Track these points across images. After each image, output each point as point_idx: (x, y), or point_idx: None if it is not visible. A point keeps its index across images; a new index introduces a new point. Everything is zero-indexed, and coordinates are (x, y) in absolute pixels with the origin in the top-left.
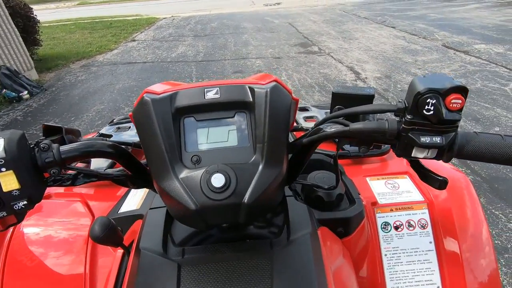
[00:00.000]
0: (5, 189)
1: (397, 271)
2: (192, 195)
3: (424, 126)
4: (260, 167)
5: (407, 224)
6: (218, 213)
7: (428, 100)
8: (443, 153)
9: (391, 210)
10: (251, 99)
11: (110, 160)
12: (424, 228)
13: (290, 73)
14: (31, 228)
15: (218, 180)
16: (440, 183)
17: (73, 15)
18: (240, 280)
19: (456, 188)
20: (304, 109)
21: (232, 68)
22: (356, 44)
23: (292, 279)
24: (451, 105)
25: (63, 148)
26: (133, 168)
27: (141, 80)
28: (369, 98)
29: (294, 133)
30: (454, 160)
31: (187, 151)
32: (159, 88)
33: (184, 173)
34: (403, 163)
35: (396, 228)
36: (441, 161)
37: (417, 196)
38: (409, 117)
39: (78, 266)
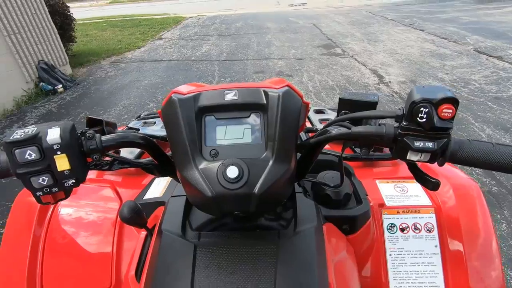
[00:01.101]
0: (59, 169)
1: (400, 271)
2: (209, 184)
3: (418, 132)
4: (270, 162)
5: (413, 226)
6: (231, 201)
7: (422, 108)
8: (436, 157)
9: (398, 212)
10: (265, 102)
11: (138, 151)
12: (430, 232)
13: (312, 75)
14: (67, 209)
15: (232, 171)
16: (433, 184)
17: (105, 13)
18: (247, 264)
19: (466, 196)
20: (320, 112)
21: (254, 68)
22: (381, 47)
23: (295, 267)
24: (442, 114)
25: (104, 138)
26: (160, 158)
27: (166, 78)
28: (372, 105)
29: (309, 134)
30: (473, 170)
31: (206, 145)
32: (185, 89)
33: (203, 165)
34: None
35: (402, 230)
36: (455, 169)
37: (425, 200)
38: (405, 123)
39: (106, 246)
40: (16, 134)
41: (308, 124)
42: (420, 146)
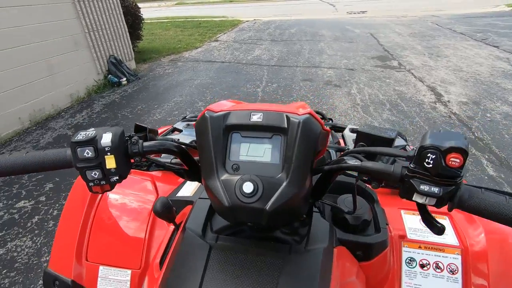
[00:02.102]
0: (107, 166)
1: None
2: (227, 195)
3: (425, 176)
4: (284, 183)
5: (434, 265)
6: (245, 213)
7: (429, 154)
8: (442, 202)
9: (419, 247)
10: (286, 126)
11: None
12: (453, 274)
13: (362, 87)
14: (114, 195)
15: (248, 187)
16: (438, 229)
17: (171, 14)
18: (252, 271)
19: (500, 242)
20: (355, 131)
21: (302, 76)
22: (444, 63)
23: (296, 284)
24: (450, 163)
25: (146, 144)
26: (190, 165)
27: (217, 79)
28: (388, 141)
29: (339, 153)
30: None
31: (230, 159)
32: (217, 107)
33: (224, 176)
34: None
35: (422, 266)
36: None
37: (452, 239)
38: (412, 165)
39: (141, 232)
40: (79, 135)
41: (341, 142)
42: (426, 190)
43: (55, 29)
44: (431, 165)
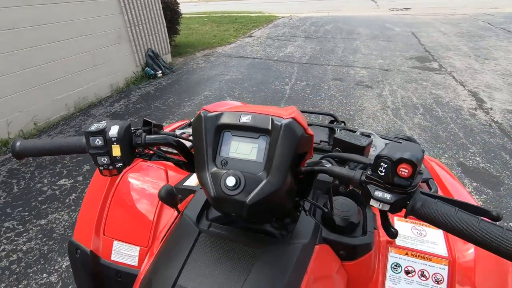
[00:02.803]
0: (113, 154)
1: None
2: (214, 186)
3: (379, 183)
4: (264, 180)
5: (420, 272)
6: (228, 204)
7: (382, 163)
8: (395, 208)
9: (406, 254)
10: (270, 128)
11: None
12: (438, 283)
13: (395, 89)
14: (130, 179)
15: (231, 181)
16: (391, 234)
17: (209, 9)
18: (232, 257)
19: (491, 257)
20: (367, 135)
21: (333, 75)
22: (492, 66)
23: (267, 274)
24: (400, 172)
25: (148, 137)
26: (187, 157)
27: (247, 74)
28: (359, 149)
29: None
30: None
31: (220, 155)
32: (212, 108)
33: (213, 170)
34: None
35: (407, 272)
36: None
37: (441, 250)
38: (369, 173)
39: (150, 214)
40: (92, 126)
41: None
42: (379, 196)
43: (101, 23)
44: (383, 173)
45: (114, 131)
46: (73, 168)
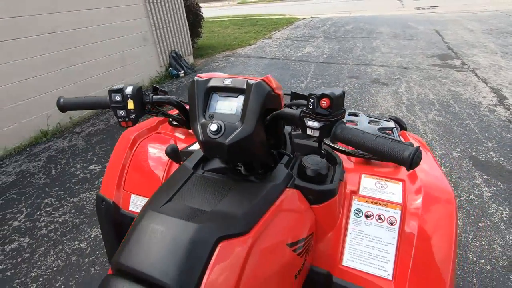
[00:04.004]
0: (128, 107)
1: (356, 249)
2: (202, 132)
3: (310, 115)
4: (240, 128)
5: (377, 216)
6: (212, 146)
7: (310, 99)
8: (323, 134)
9: (367, 201)
10: (245, 87)
11: None
12: (391, 225)
13: (411, 86)
14: (147, 146)
15: (213, 127)
16: (322, 155)
17: (232, 13)
18: (212, 189)
19: (435, 200)
20: (354, 114)
21: (349, 73)
22: None
23: (236, 199)
24: (321, 104)
25: (155, 96)
26: (184, 114)
27: (263, 73)
28: (304, 97)
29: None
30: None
31: (209, 111)
32: (203, 75)
33: (202, 121)
34: (405, 172)
35: (367, 216)
36: (436, 174)
37: (397, 198)
38: (305, 109)
39: (160, 172)
40: (113, 86)
41: None
42: (310, 124)
43: (129, 27)
44: (311, 107)
45: (129, 89)
46: (102, 156)
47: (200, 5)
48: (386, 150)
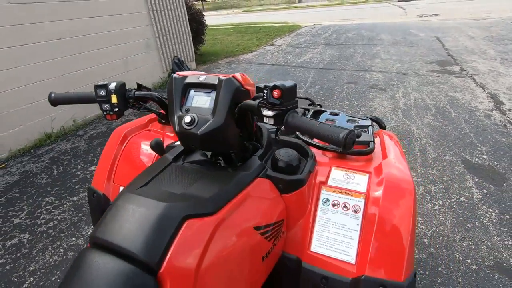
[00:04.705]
0: (112, 101)
1: (323, 236)
2: (178, 124)
3: (265, 105)
4: (211, 120)
5: (343, 205)
6: (187, 136)
7: (265, 91)
8: (277, 122)
9: (334, 191)
10: (217, 83)
11: None
12: (355, 213)
13: (409, 91)
14: (136, 141)
15: (187, 119)
16: (275, 142)
17: (236, 20)
18: (186, 177)
19: (397, 191)
20: (334, 114)
21: (348, 79)
22: None
23: (206, 184)
24: (273, 95)
25: (137, 92)
26: (165, 110)
27: (263, 79)
28: (261, 90)
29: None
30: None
31: (185, 105)
32: (182, 73)
33: (179, 114)
34: (373, 165)
35: (334, 205)
36: (398, 165)
37: (361, 188)
38: (262, 100)
39: (150, 162)
40: (98, 82)
41: None
42: (265, 113)
43: (133, 33)
44: (265, 97)
45: (113, 85)
46: None
47: (206, 13)
48: (326, 133)
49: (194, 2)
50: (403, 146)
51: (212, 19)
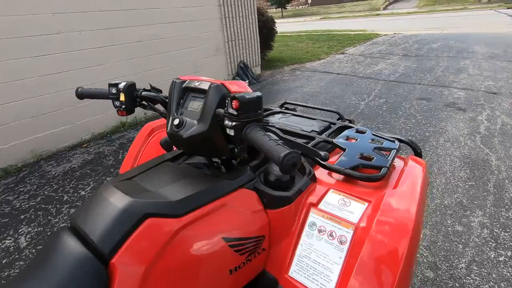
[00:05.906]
0: (121, 99)
1: (303, 262)
2: (169, 126)
3: (226, 115)
4: (196, 124)
5: (329, 233)
6: (175, 138)
7: (227, 101)
8: (236, 133)
9: (323, 216)
10: (207, 89)
11: None
12: (341, 244)
13: (496, 114)
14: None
15: (176, 121)
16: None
17: (312, 28)
18: (174, 174)
19: (391, 228)
20: (361, 132)
21: (420, 94)
22: None
23: (187, 184)
24: (232, 105)
25: (144, 92)
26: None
27: (325, 88)
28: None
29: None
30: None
31: (182, 108)
32: (183, 77)
33: (174, 116)
34: (379, 194)
35: (320, 231)
36: (409, 199)
37: (353, 218)
38: (225, 110)
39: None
40: (112, 82)
41: None
42: (226, 123)
43: (204, 38)
44: (226, 108)
45: (122, 85)
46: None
47: (285, 20)
48: (269, 150)
49: (269, 9)
50: (473, 178)
51: (289, 26)
